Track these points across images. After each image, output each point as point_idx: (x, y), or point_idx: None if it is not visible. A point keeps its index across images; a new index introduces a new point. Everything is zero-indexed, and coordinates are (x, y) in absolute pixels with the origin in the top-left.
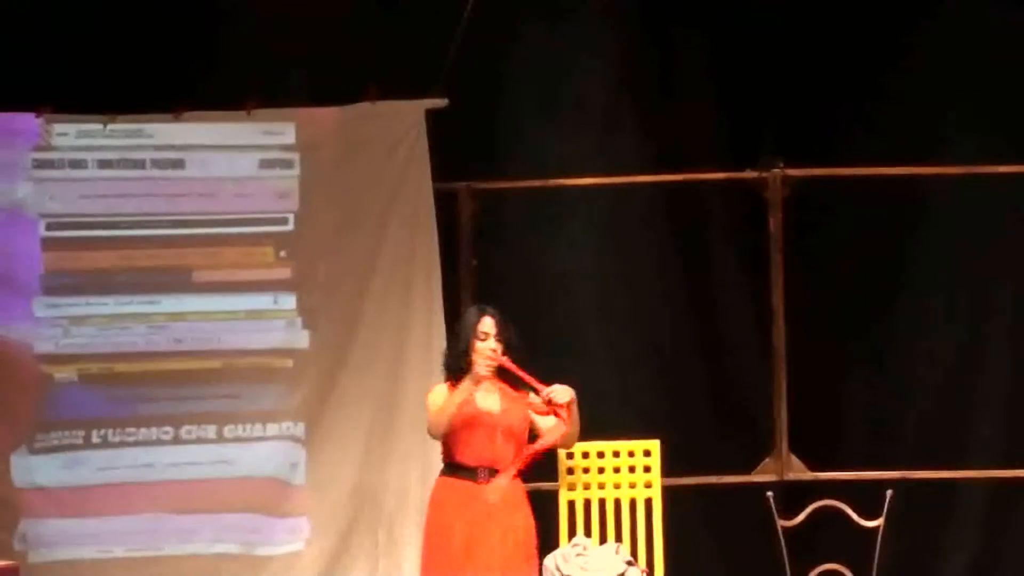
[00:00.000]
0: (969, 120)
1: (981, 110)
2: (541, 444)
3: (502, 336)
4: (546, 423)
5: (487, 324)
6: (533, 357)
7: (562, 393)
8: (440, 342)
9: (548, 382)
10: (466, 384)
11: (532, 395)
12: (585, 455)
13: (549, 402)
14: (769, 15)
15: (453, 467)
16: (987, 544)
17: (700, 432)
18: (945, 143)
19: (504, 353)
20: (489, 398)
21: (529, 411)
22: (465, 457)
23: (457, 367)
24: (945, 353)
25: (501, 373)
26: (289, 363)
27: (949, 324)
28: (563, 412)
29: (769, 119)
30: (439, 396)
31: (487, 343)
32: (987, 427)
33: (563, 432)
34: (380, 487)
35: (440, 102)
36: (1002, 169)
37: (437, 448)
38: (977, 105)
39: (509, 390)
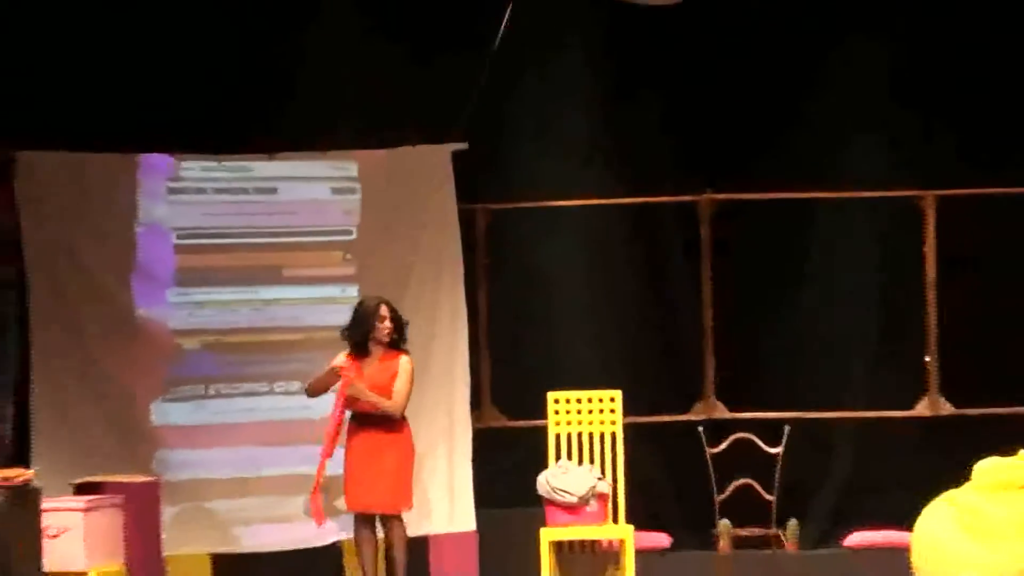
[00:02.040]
0: (865, 150)
1: (877, 141)
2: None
3: (394, 318)
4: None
5: (384, 310)
6: (531, 333)
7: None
8: (463, 323)
9: (541, 351)
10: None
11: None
12: (568, 401)
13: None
14: (707, 74)
15: None
16: (857, 467)
17: (650, 384)
18: (841, 169)
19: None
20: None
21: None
22: None
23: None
24: (828, 327)
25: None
26: None
27: (830, 306)
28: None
29: (704, 155)
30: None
31: (384, 324)
32: (857, 381)
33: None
34: (417, 428)
35: (462, 146)
36: (882, 193)
37: (457, 397)
38: (873, 137)
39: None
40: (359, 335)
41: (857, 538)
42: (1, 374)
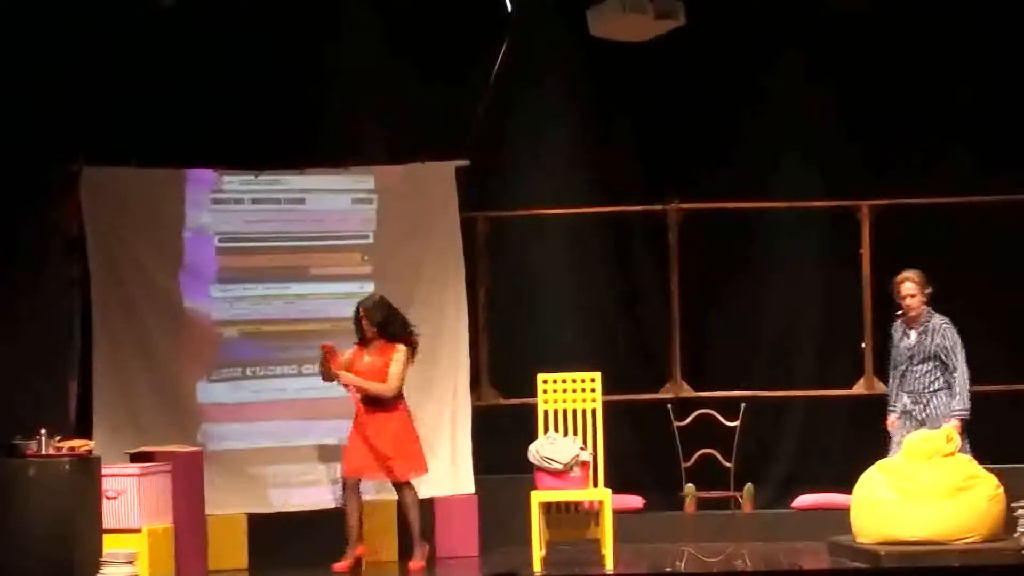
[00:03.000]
0: (799, 163)
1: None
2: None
3: (370, 317)
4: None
5: (362, 311)
6: (523, 323)
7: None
8: (464, 315)
9: (532, 339)
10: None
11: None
12: (555, 382)
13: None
14: (672, 101)
15: None
16: (804, 438)
17: (625, 367)
18: (780, 181)
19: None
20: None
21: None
22: None
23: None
24: (778, 318)
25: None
26: None
27: (780, 300)
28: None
29: (670, 171)
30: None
31: (364, 323)
32: (803, 364)
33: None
34: (425, 405)
35: (464, 163)
36: (816, 204)
37: (459, 379)
38: (806, 153)
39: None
40: (356, 331)
41: (804, 500)
42: (68, 359)
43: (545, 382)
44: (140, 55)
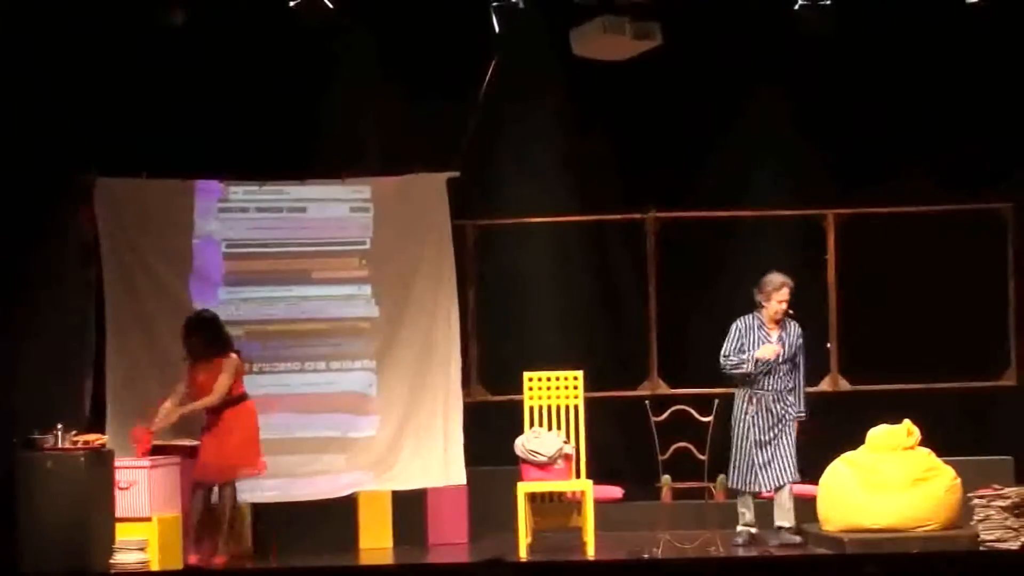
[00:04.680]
0: (776, 178)
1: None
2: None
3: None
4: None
5: (183, 332)
6: (510, 325)
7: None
8: (455, 317)
9: (518, 339)
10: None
11: None
12: (540, 380)
13: None
14: (650, 118)
15: None
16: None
17: (606, 366)
18: (751, 191)
19: None
20: None
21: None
22: None
23: None
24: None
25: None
26: (367, 325)
27: (750, 304)
28: None
29: (648, 183)
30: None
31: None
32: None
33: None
34: (419, 401)
35: (455, 174)
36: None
37: (449, 380)
38: (776, 166)
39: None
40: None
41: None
42: (83, 359)
43: (531, 380)
44: (152, 73)
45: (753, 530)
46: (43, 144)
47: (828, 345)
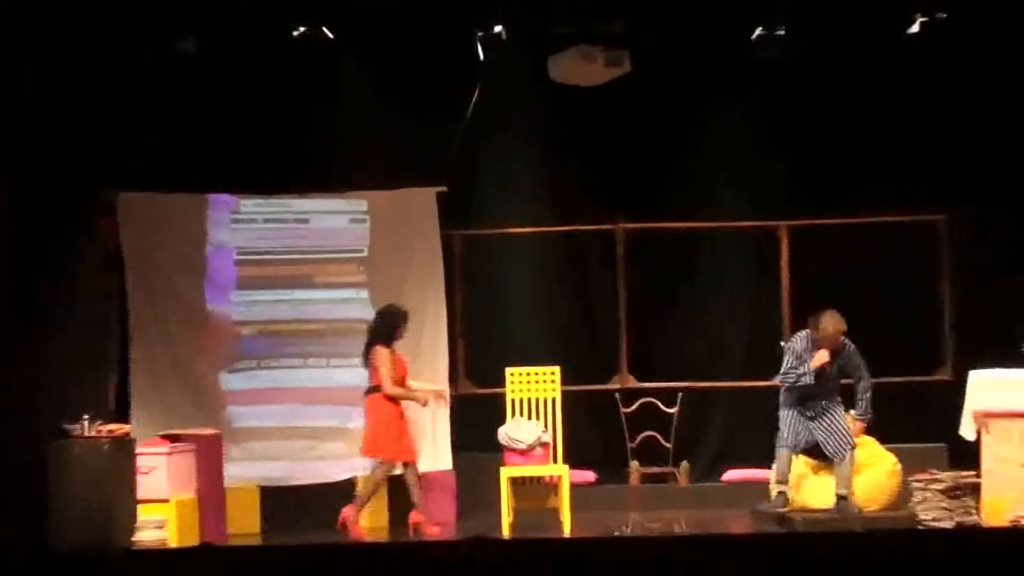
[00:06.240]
0: (735, 192)
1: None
2: None
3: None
4: None
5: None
6: (494, 326)
7: None
8: (443, 318)
9: (501, 338)
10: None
11: None
12: (520, 375)
13: None
14: (621, 137)
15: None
16: (731, 422)
17: (580, 362)
18: (711, 204)
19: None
20: None
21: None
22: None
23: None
24: (711, 320)
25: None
26: (363, 326)
27: (713, 304)
28: None
29: (618, 196)
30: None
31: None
32: (731, 360)
33: None
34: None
35: (443, 188)
36: (744, 223)
37: (437, 375)
38: (734, 181)
39: None
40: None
41: (732, 474)
42: (108, 357)
43: (512, 375)
44: (169, 98)
45: (785, 487)
46: (71, 163)
47: (782, 343)
